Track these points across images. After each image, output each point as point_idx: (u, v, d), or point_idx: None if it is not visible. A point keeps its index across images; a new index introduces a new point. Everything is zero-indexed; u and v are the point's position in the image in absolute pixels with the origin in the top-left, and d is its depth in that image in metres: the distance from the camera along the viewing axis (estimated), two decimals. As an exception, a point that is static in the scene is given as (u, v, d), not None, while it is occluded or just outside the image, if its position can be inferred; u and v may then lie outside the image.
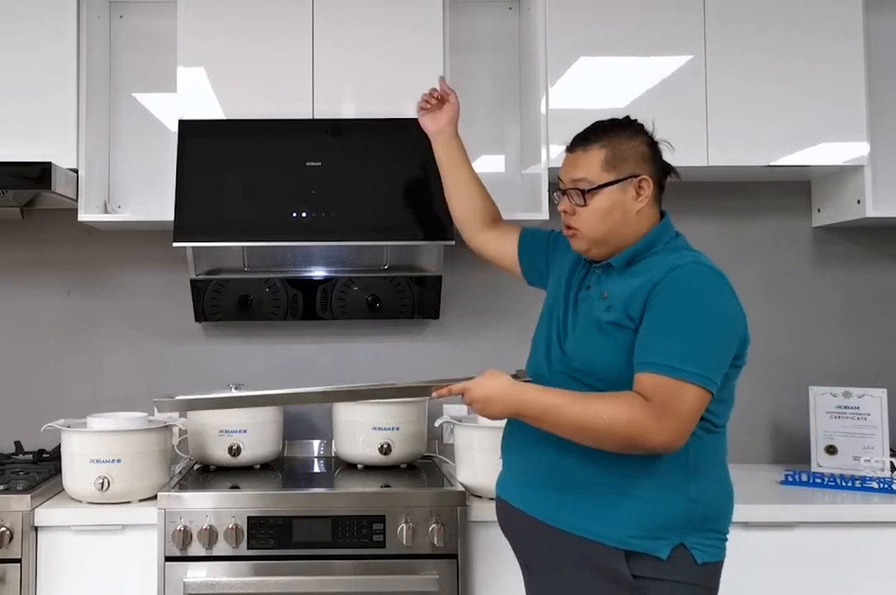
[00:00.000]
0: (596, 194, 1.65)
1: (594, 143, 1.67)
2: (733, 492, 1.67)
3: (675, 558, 1.55)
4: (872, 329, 2.76)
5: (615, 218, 1.65)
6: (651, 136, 1.71)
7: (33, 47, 2.43)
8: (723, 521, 1.62)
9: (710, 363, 1.51)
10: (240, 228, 2.34)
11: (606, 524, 1.58)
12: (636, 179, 1.65)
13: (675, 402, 1.49)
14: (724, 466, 1.66)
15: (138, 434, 2.17)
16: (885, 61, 2.72)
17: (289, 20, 2.46)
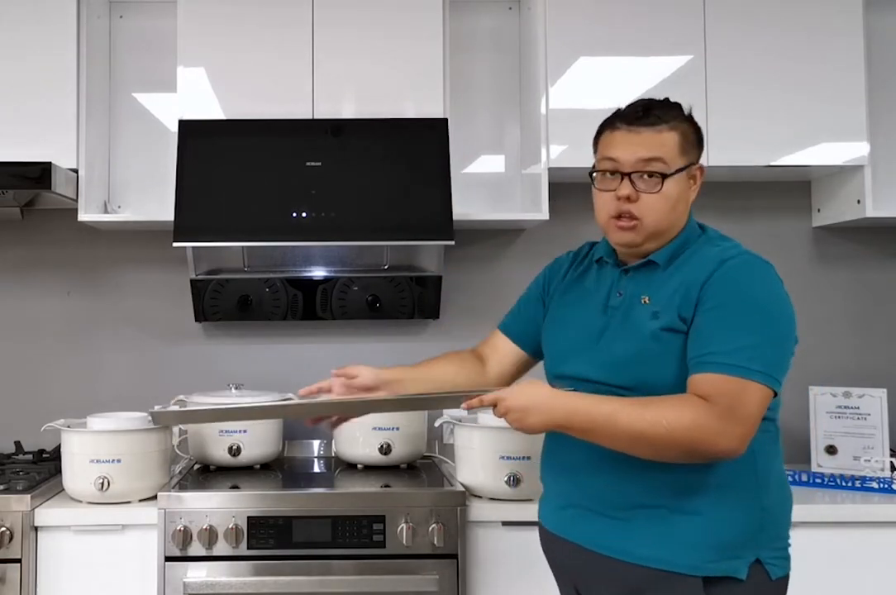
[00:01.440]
0: (670, 180, 1.49)
1: (664, 124, 1.50)
2: (792, 498, 1.55)
3: (752, 577, 1.41)
4: (872, 329, 2.76)
5: (681, 208, 1.52)
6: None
7: (33, 47, 2.43)
8: (784, 530, 1.49)
9: (774, 361, 1.39)
10: (240, 228, 2.34)
11: (677, 550, 1.42)
12: (695, 167, 1.54)
13: (741, 403, 1.36)
14: (783, 467, 1.54)
15: (138, 434, 2.17)
16: (885, 61, 2.72)
17: (289, 20, 2.46)
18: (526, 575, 2.12)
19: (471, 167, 2.74)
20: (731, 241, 1.55)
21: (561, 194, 2.74)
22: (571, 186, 2.75)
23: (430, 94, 2.45)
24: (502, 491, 2.16)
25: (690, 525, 1.42)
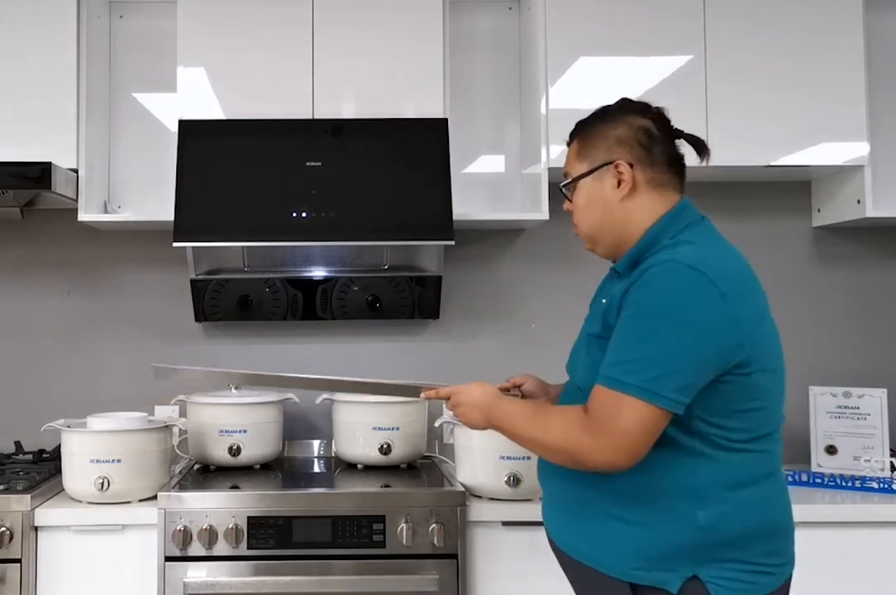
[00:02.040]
0: (574, 189, 1.55)
1: (574, 137, 1.58)
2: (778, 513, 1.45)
3: (688, 592, 1.38)
4: (872, 329, 2.76)
5: (596, 212, 1.52)
6: (650, 115, 1.54)
7: (33, 48, 2.43)
8: (744, 550, 1.39)
9: (659, 375, 1.32)
10: (240, 228, 2.34)
11: (610, 553, 1.44)
12: (611, 166, 1.49)
13: (611, 417, 1.34)
14: (759, 488, 1.42)
15: (138, 434, 2.17)
16: (885, 61, 2.72)
17: (289, 20, 2.46)
18: (526, 575, 2.12)
19: (471, 167, 2.74)
20: (694, 243, 1.45)
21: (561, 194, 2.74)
22: (571, 186, 2.75)
23: (430, 94, 2.45)
24: (502, 491, 2.16)
25: (623, 532, 1.43)
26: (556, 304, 2.74)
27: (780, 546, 1.44)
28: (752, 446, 1.41)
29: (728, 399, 1.38)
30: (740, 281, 1.40)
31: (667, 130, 1.54)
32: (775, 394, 1.45)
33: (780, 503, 1.47)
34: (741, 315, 1.36)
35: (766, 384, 1.42)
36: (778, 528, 1.45)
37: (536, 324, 2.73)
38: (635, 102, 1.57)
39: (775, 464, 1.46)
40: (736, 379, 1.37)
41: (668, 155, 1.52)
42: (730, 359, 1.36)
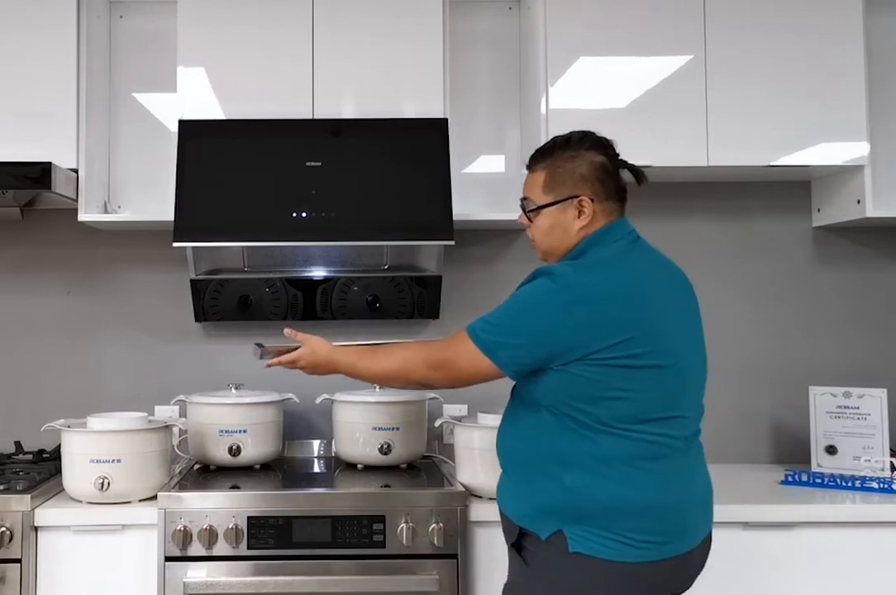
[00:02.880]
0: (538, 214, 1.77)
1: (538, 165, 1.78)
2: (650, 495, 1.61)
3: (553, 542, 1.63)
4: (872, 329, 2.76)
5: (556, 235, 1.75)
6: (605, 151, 1.75)
7: (33, 48, 2.43)
8: (610, 521, 1.60)
9: (489, 324, 1.67)
10: (240, 228, 2.34)
11: (509, 503, 1.74)
12: (575, 200, 1.72)
13: (449, 342, 1.71)
14: (631, 468, 1.61)
15: (138, 434, 2.17)
16: (885, 61, 2.72)
17: (289, 20, 2.46)
18: (526, 575, 2.12)
19: (471, 167, 2.74)
20: (579, 261, 1.70)
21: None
22: (571, 186, 2.75)
23: (430, 94, 2.46)
24: (502, 491, 2.15)
25: (517, 486, 1.72)
26: (556, 304, 2.74)
27: (649, 526, 1.60)
28: (623, 429, 1.61)
29: (586, 387, 1.60)
30: (604, 294, 1.60)
31: (616, 163, 1.77)
32: (655, 387, 1.61)
33: (655, 487, 1.62)
34: (575, 322, 1.59)
35: (636, 379, 1.60)
36: (647, 509, 1.61)
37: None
38: (593, 136, 1.77)
39: (656, 450, 1.62)
40: (582, 369, 1.59)
41: (618, 186, 1.76)
42: (556, 349, 1.60)
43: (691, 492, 1.69)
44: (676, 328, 1.67)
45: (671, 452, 1.65)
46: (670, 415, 1.64)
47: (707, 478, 1.77)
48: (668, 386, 1.64)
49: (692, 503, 1.68)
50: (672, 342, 1.64)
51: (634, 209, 2.75)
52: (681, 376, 1.66)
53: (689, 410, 1.69)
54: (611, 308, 1.60)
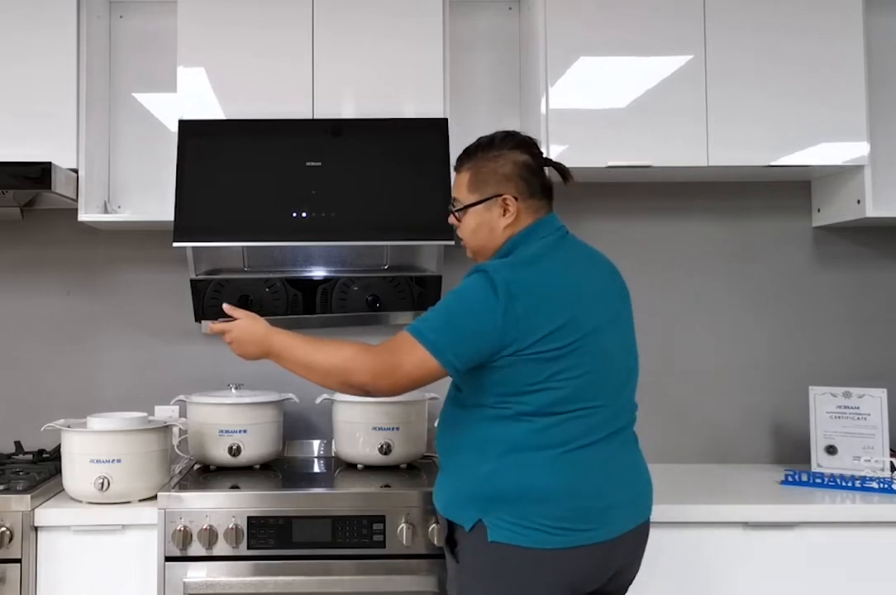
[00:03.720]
0: (465, 213, 1.81)
1: (464, 165, 1.82)
2: (555, 481, 1.65)
3: (475, 532, 1.68)
4: (872, 329, 2.76)
5: (483, 234, 1.79)
6: (528, 150, 1.78)
7: (33, 48, 2.43)
8: (523, 507, 1.65)
9: (430, 321, 1.66)
10: (240, 228, 2.34)
11: (439, 495, 1.80)
12: (499, 199, 1.76)
13: (394, 346, 1.67)
14: (536, 455, 1.66)
15: (138, 434, 2.17)
16: (885, 61, 2.72)
17: (289, 20, 2.46)
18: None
19: (471, 167, 2.74)
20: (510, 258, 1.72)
21: (561, 194, 2.74)
22: (571, 186, 2.75)
23: (430, 94, 2.45)
24: (502, 491, 2.15)
25: (443, 479, 1.78)
26: (556, 304, 2.74)
27: (561, 512, 1.64)
28: (540, 418, 1.65)
29: (512, 381, 1.65)
30: (533, 288, 1.64)
31: (541, 162, 1.80)
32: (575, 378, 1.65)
33: (566, 473, 1.66)
34: (510, 316, 1.61)
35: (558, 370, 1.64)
36: (557, 495, 1.65)
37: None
38: (517, 136, 1.80)
39: (571, 439, 1.66)
40: (510, 363, 1.63)
41: (543, 184, 1.80)
42: (496, 344, 1.63)
43: (612, 480, 1.71)
44: (603, 322, 1.70)
45: (588, 442, 1.68)
46: (589, 406, 1.68)
47: (641, 472, 1.79)
48: (590, 378, 1.67)
49: (612, 491, 1.70)
50: (598, 335, 1.68)
51: (635, 209, 2.77)
52: (603, 369, 1.70)
53: (611, 402, 1.71)
54: (539, 301, 1.63)
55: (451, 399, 1.82)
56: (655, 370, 2.73)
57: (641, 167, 2.44)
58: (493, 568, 1.67)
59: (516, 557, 1.65)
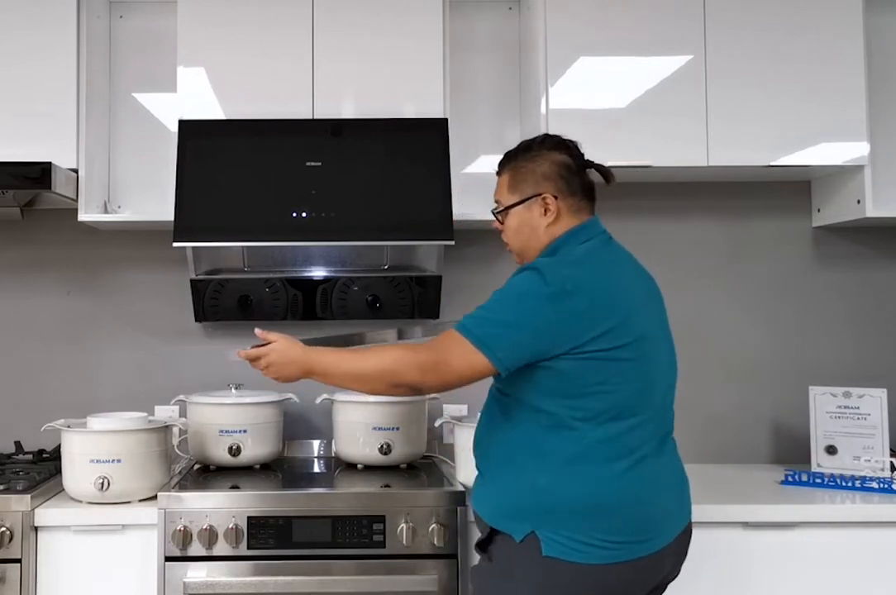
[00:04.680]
0: (506, 215, 1.81)
1: (504, 168, 1.84)
2: (614, 494, 1.62)
3: (527, 543, 1.62)
4: (872, 329, 2.76)
5: (525, 233, 1.79)
6: (567, 151, 1.79)
7: (34, 48, 2.43)
8: (580, 521, 1.60)
9: (481, 321, 1.62)
10: (240, 228, 2.34)
11: (483, 503, 1.74)
12: (539, 198, 1.76)
13: (441, 343, 1.64)
14: (595, 467, 1.62)
15: (138, 434, 2.17)
16: (885, 61, 2.72)
17: (289, 20, 2.46)
18: (526, 575, 2.11)
19: (471, 167, 2.74)
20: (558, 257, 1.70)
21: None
22: (571, 186, 2.75)
23: (430, 94, 2.46)
24: (502, 491, 2.15)
25: (490, 486, 1.72)
26: (556, 304, 2.74)
27: (618, 526, 1.61)
28: (592, 428, 1.62)
29: (566, 383, 1.61)
30: (588, 285, 1.61)
31: (581, 163, 1.80)
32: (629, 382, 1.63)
33: (625, 487, 1.62)
34: (566, 312, 1.59)
35: (613, 372, 1.61)
36: (617, 509, 1.61)
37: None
38: (555, 138, 1.82)
39: (628, 449, 1.63)
40: (565, 363, 1.60)
41: (583, 184, 1.79)
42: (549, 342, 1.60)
43: (666, 490, 1.70)
44: (651, 329, 1.70)
45: (642, 452, 1.65)
46: (641, 413, 1.65)
47: (680, 474, 1.77)
48: (640, 382, 1.65)
49: (662, 502, 1.68)
50: (647, 340, 1.67)
51: (635, 209, 2.76)
52: (650, 374, 1.67)
53: (659, 410, 1.70)
54: (595, 298, 1.61)
55: (495, 402, 1.76)
56: (655, 370, 2.73)
57: (641, 167, 2.44)
58: (545, 582, 1.61)
59: (569, 573, 1.60)
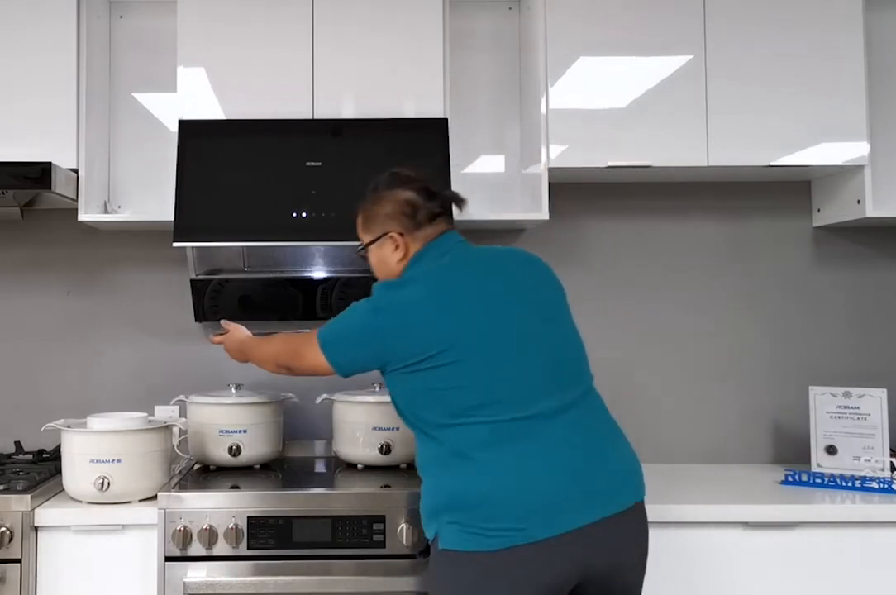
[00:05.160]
0: (367, 252, 1.98)
1: (359, 210, 2.00)
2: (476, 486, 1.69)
3: (435, 542, 1.76)
4: (872, 329, 2.76)
5: (383, 269, 1.96)
6: (411, 185, 1.91)
7: (33, 47, 2.43)
8: (461, 514, 1.70)
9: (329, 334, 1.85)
10: (240, 228, 2.34)
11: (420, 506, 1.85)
12: (387, 236, 1.91)
13: (304, 338, 1.91)
14: (451, 466, 1.73)
15: (138, 434, 2.17)
16: (885, 61, 2.72)
17: (289, 20, 2.46)
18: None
19: (471, 167, 2.74)
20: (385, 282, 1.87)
21: (561, 194, 2.75)
22: (571, 186, 2.76)
23: (430, 94, 2.46)
24: (502, 491, 2.15)
25: (421, 490, 1.83)
26: (556, 304, 2.74)
27: (490, 512, 1.68)
28: (439, 432, 1.75)
29: (409, 394, 1.77)
30: (401, 304, 1.77)
31: (428, 194, 1.91)
32: (461, 381, 1.72)
33: (490, 475, 1.69)
34: (381, 328, 1.77)
35: (437, 378, 1.73)
36: (486, 498, 1.68)
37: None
38: (401, 175, 1.94)
39: (484, 439, 1.71)
40: (398, 376, 1.77)
41: (431, 213, 1.90)
42: (375, 358, 1.79)
43: (536, 477, 1.69)
44: (489, 321, 1.74)
45: (505, 438, 1.70)
46: (487, 402, 1.71)
47: (579, 460, 1.73)
48: (474, 377, 1.71)
49: (542, 489, 1.68)
50: (478, 336, 1.73)
51: (635, 209, 2.77)
52: (489, 364, 1.72)
53: (515, 393, 1.72)
54: (408, 316, 1.75)
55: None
56: (655, 370, 2.73)
57: (641, 167, 2.44)
58: (445, 576, 1.71)
59: (460, 561, 1.69)
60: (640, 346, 2.75)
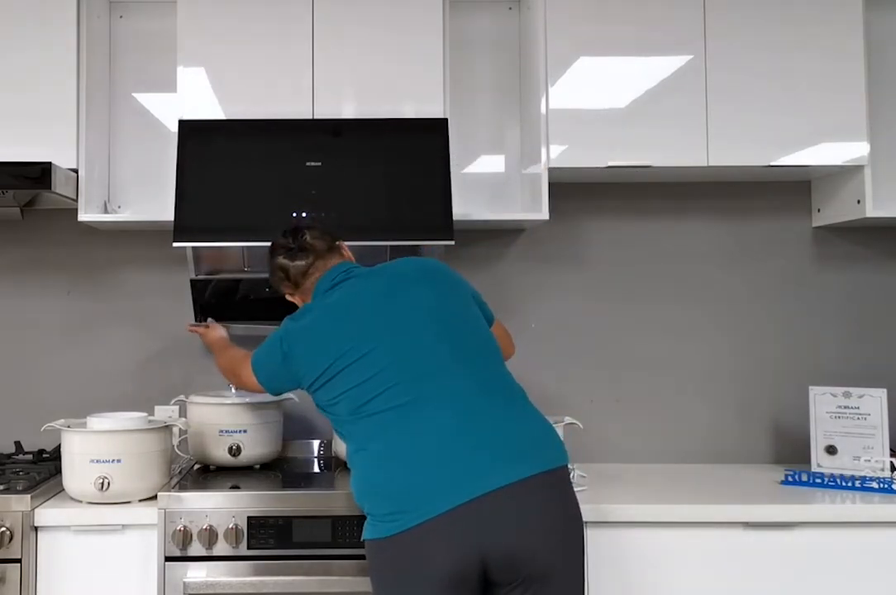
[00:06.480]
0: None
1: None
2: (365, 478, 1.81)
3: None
4: (872, 329, 2.76)
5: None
6: (278, 251, 2.12)
7: (33, 47, 2.43)
8: (364, 503, 1.82)
9: (257, 356, 2.10)
10: (240, 228, 2.34)
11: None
12: (288, 296, 2.20)
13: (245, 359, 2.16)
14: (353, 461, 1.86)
15: (138, 434, 2.17)
16: (885, 61, 2.72)
17: (289, 20, 2.46)
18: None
19: (471, 167, 2.74)
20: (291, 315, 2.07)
21: (561, 194, 2.74)
22: (571, 186, 2.76)
23: (430, 94, 2.46)
24: (502, 491, 2.15)
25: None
26: (556, 304, 2.74)
27: (379, 501, 1.77)
28: (347, 430, 1.89)
29: (328, 402, 1.92)
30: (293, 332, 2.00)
31: (289, 250, 2.11)
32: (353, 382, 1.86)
33: (367, 472, 1.82)
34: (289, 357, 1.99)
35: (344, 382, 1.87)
36: (371, 486, 1.80)
37: (536, 323, 2.74)
38: (276, 245, 2.14)
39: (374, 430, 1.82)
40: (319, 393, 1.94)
41: (304, 266, 2.09)
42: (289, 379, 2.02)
43: (417, 457, 1.75)
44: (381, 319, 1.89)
45: (390, 426, 1.80)
46: (381, 390, 1.83)
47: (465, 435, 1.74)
48: (376, 367, 1.84)
49: (421, 468, 1.73)
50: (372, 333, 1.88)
51: (635, 209, 2.77)
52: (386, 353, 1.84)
53: (406, 375, 1.82)
54: (305, 340, 1.95)
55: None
56: (655, 370, 2.73)
57: (641, 167, 2.44)
58: (369, 563, 1.82)
59: (371, 550, 1.79)
60: (639, 346, 2.75)
